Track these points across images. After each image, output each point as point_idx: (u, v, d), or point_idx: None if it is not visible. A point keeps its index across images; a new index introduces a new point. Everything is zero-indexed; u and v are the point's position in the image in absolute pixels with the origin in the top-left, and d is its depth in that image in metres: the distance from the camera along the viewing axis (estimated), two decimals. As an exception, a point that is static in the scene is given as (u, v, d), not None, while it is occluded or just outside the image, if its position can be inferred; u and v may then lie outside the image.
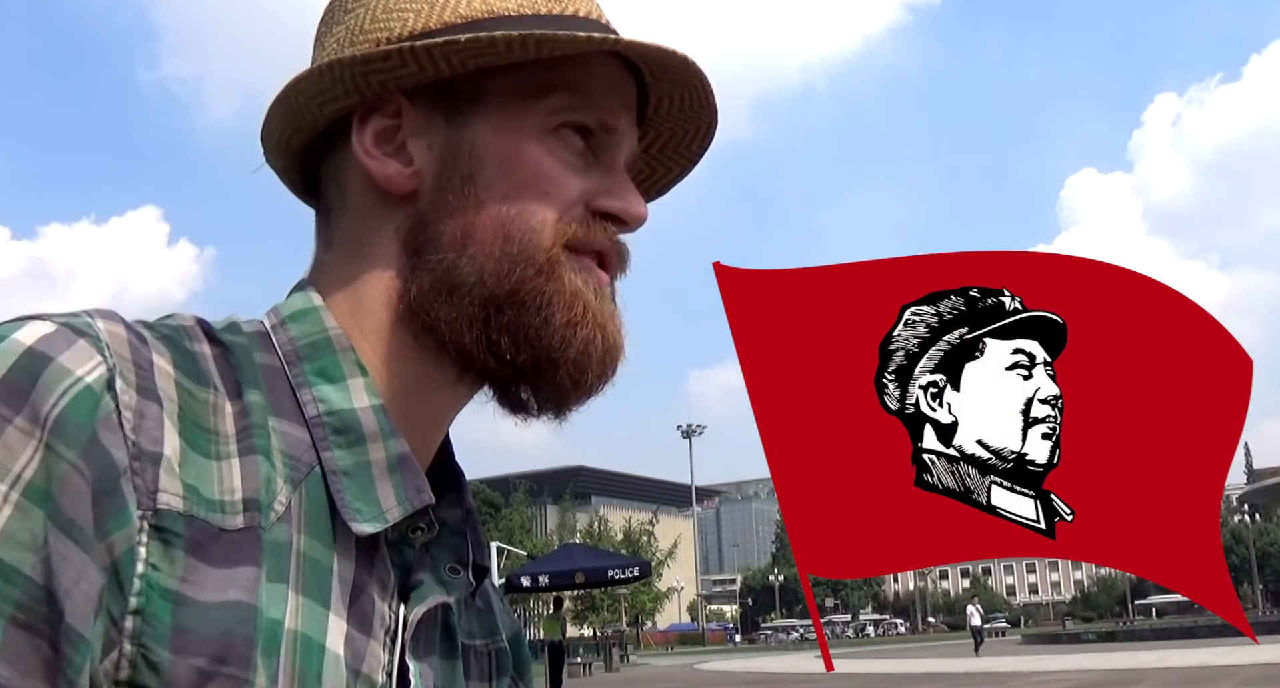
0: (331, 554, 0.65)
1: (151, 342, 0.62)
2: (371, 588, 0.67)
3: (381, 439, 0.68)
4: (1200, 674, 18.45)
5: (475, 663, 0.79)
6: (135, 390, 0.59)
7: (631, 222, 0.75)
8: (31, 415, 0.55)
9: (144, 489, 0.57)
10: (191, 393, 0.62)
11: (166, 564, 0.57)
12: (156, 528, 0.57)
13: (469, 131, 0.72)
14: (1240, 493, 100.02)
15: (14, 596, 0.53)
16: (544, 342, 0.71)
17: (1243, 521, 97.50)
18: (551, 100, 0.73)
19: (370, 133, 0.73)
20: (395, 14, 0.73)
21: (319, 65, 0.71)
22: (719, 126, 0.84)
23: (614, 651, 40.28)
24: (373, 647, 0.66)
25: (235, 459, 0.62)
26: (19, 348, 0.57)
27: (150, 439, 0.58)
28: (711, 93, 0.79)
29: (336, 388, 0.69)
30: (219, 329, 0.69)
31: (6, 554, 0.53)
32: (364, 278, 0.73)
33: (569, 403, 0.74)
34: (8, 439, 0.54)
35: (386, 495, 0.67)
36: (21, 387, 0.56)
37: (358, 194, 0.74)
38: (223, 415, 0.63)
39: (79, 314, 0.61)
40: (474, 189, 0.71)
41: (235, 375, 0.66)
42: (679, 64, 0.74)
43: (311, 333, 0.71)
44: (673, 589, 69.19)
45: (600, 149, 0.75)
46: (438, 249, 0.71)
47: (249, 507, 0.61)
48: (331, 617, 0.63)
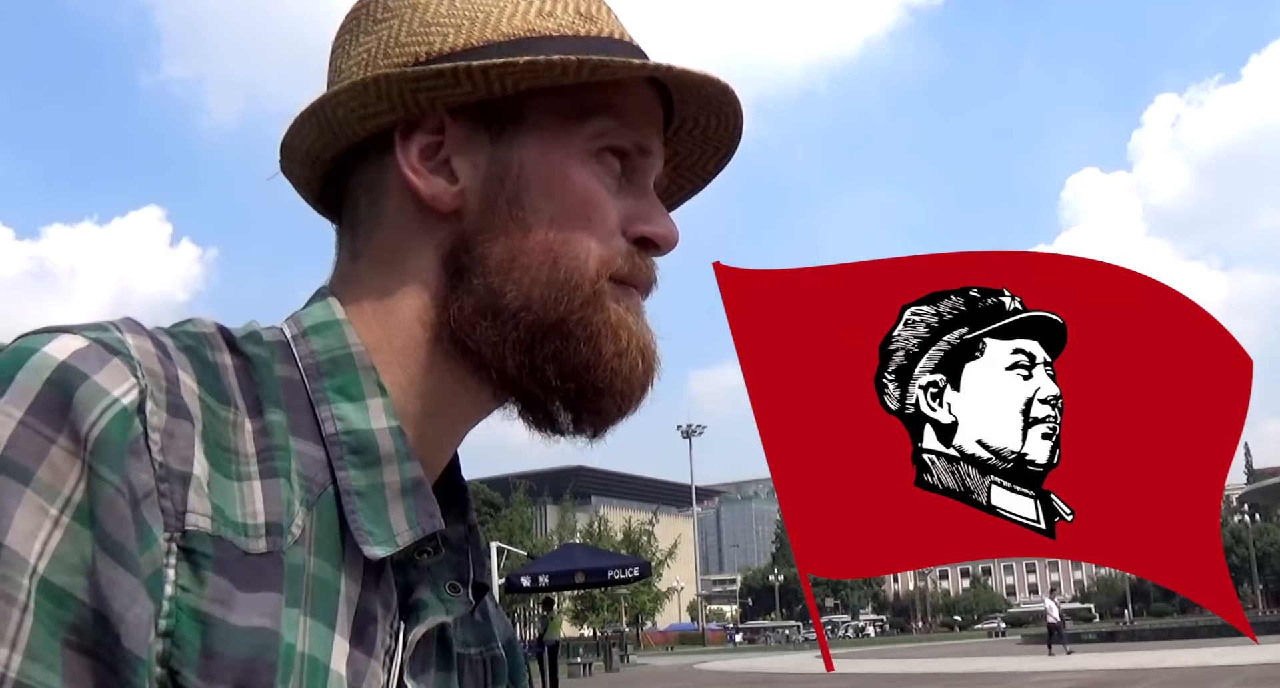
0: (339, 575, 0.64)
1: (175, 355, 0.62)
2: (375, 609, 0.67)
3: (397, 462, 0.68)
4: (1200, 674, 18.45)
5: (470, 672, 0.79)
6: (165, 410, 0.58)
7: (665, 247, 0.76)
8: (73, 435, 0.54)
9: (172, 511, 0.57)
10: (214, 411, 0.62)
11: (196, 586, 0.57)
12: (185, 549, 0.57)
13: (515, 153, 0.72)
14: (1240, 493, 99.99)
15: (67, 619, 0.52)
16: (593, 372, 0.71)
17: (1243, 521, 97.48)
18: (594, 124, 0.73)
19: (415, 149, 0.72)
20: (434, 28, 0.72)
21: (361, 79, 0.70)
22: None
23: (614, 651, 40.27)
24: (373, 667, 0.66)
25: (257, 482, 0.62)
26: (51, 362, 0.56)
27: (180, 459, 0.58)
28: (741, 121, 0.80)
29: (356, 407, 0.68)
30: (240, 338, 0.68)
31: (58, 578, 0.53)
32: (398, 294, 0.72)
33: (609, 425, 0.75)
34: (54, 461, 0.54)
35: (398, 519, 0.67)
36: (59, 404, 0.55)
37: (395, 209, 0.73)
38: (243, 434, 0.63)
39: (107, 328, 0.60)
40: (522, 212, 0.71)
41: (256, 391, 0.65)
42: (718, 92, 0.75)
43: (334, 347, 0.70)
44: (673, 589, 69.17)
45: (633, 172, 0.75)
46: (483, 271, 0.70)
47: (271, 531, 0.61)
48: (336, 638, 0.63)
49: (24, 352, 0.57)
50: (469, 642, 0.79)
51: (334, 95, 0.71)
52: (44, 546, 0.53)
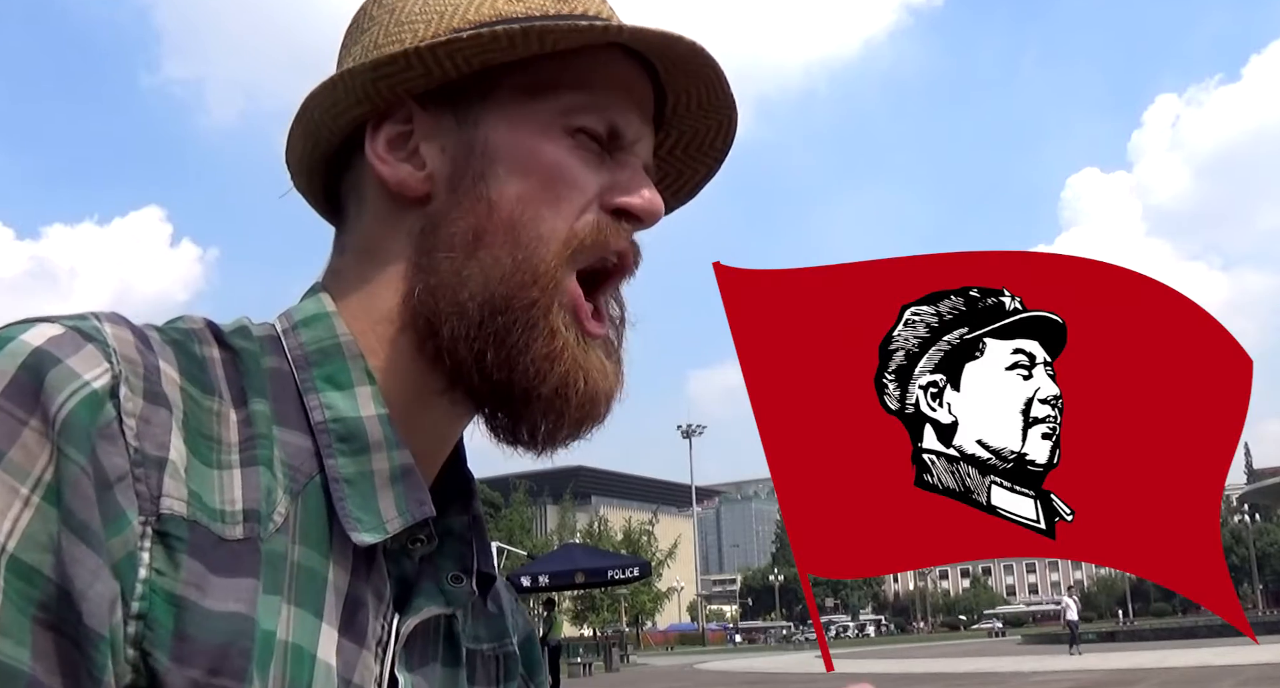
0: (327, 564, 0.64)
1: (158, 347, 0.62)
2: (366, 597, 0.66)
3: (385, 449, 0.68)
4: (1200, 674, 18.45)
5: (482, 668, 0.78)
6: (142, 396, 0.59)
7: (646, 218, 0.74)
8: (43, 416, 0.55)
9: (147, 495, 0.57)
10: (196, 400, 0.62)
11: (170, 569, 0.57)
12: (160, 533, 0.57)
13: (480, 131, 0.72)
14: (1240, 493, 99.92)
15: (35, 596, 0.53)
16: (519, 366, 0.69)
17: (1243, 521, 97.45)
18: (562, 98, 0.72)
19: (383, 139, 0.73)
20: (407, 26, 0.73)
21: (330, 78, 0.72)
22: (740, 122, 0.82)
23: (614, 651, 40.26)
24: (365, 657, 0.65)
25: (237, 470, 0.62)
26: (26, 348, 0.57)
27: (156, 444, 0.58)
28: (725, 80, 0.77)
29: (344, 395, 0.68)
30: (228, 333, 0.68)
31: (27, 556, 0.53)
32: (376, 281, 0.73)
33: (548, 442, 0.73)
34: (26, 442, 0.55)
35: (388, 506, 0.66)
36: (31, 387, 0.56)
37: (373, 201, 0.74)
38: (226, 424, 0.63)
39: (86, 317, 0.61)
40: (486, 189, 0.71)
41: (241, 382, 0.65)
42: (687, 52, 0.73)
43: (322, 338, 0.70)
44: (673, 589, 69.13)
45: (614, 147, 0.74)
46: (447, 248, 0.71)
47: (249, 517, 0.61)
48: (324, 627, 0.63)
49: (2, 340, 0.58)
50: (480, 637, 0.79)
51: (311, 98, 0.73)
52: (14, 524, 0.53)
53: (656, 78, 0.77)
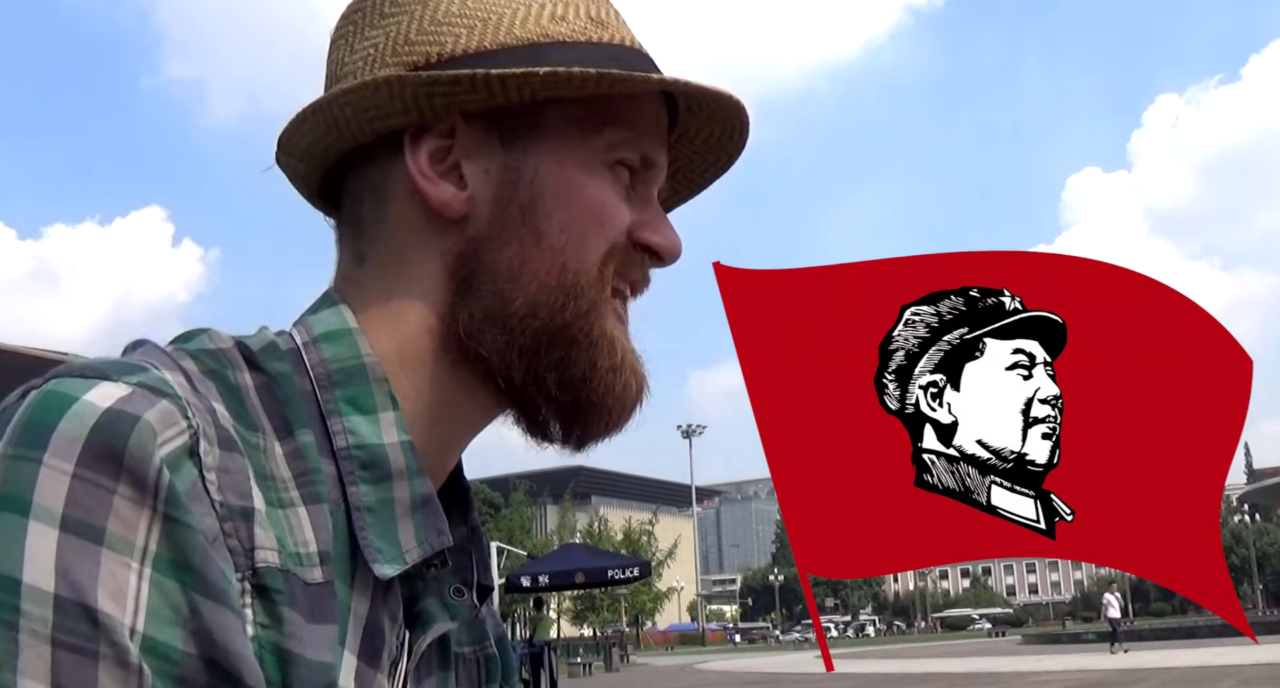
0: (350, 592, 0.64)
1: (201, 385, 0.60)
2: (384, 623, 0.66)
3: (407, 478, 0.67)
4: (1200, 674, 18.45)
5: (464, 671, 0.78)
6: (218, 445, 0.57)
7: (668, 258, 0.76)
8: (135, 483, 0.52)
9: (240, 549, 0.56)
10: (246, 439, 0.61)
11: (274, 622, 0.56)
12: (258, 587, 0.56)
13: (530, 160, 0.71)
14: (1240, 493, 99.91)
15: (174, 673, 0.51)
16: (589, 385, 0.71)
17: (1243, 521, 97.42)
18: (607, 135, 0.72)
19: (425, 153, 0.71)
20: (446, 28, 0.71)
21: (374, 80, 0.69)
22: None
23: (614, 651, 40.27)
24: (379, 680, 0.65)
25: (302, 509, 0.61)
26: (94, 410, 0.53)
27: (239, 494, 0.57)
28: (747, 135, 0.80)
29: (367, 420, 0.67)
30: (259, 352, 0.67)
31: (159, 634, 0.51)
32: (404, 300, 0.71)
33: (596, 440, 0.74)
34: (120, 511, 0.52)
35: (407, 536, 0.66)
36: (112, 452, 0.52)
37: (402, 212, 0.72)
38: (275, 459, 0.62)
39: (145, 367, 0.58)
40: (535, 219, 0.70)
41: (283, 412, 0.64)
42: (731, 108, 0.75)
43: (345, 357, 0.69)
44: (673, 589, 69.20)
45: (638, 182, 0.75)
46: (493, 278, 0.70)
47: (324, 560, 0.60)
48: (346, 654, 0.63)
49: (58, 402, 0.54)
50: (463, 641, 0.79)
51: (343, 93, 0.69)
52: (136, 602, 0.51)
53: (673, 106, 0.78)
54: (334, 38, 0.77)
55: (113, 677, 0.49)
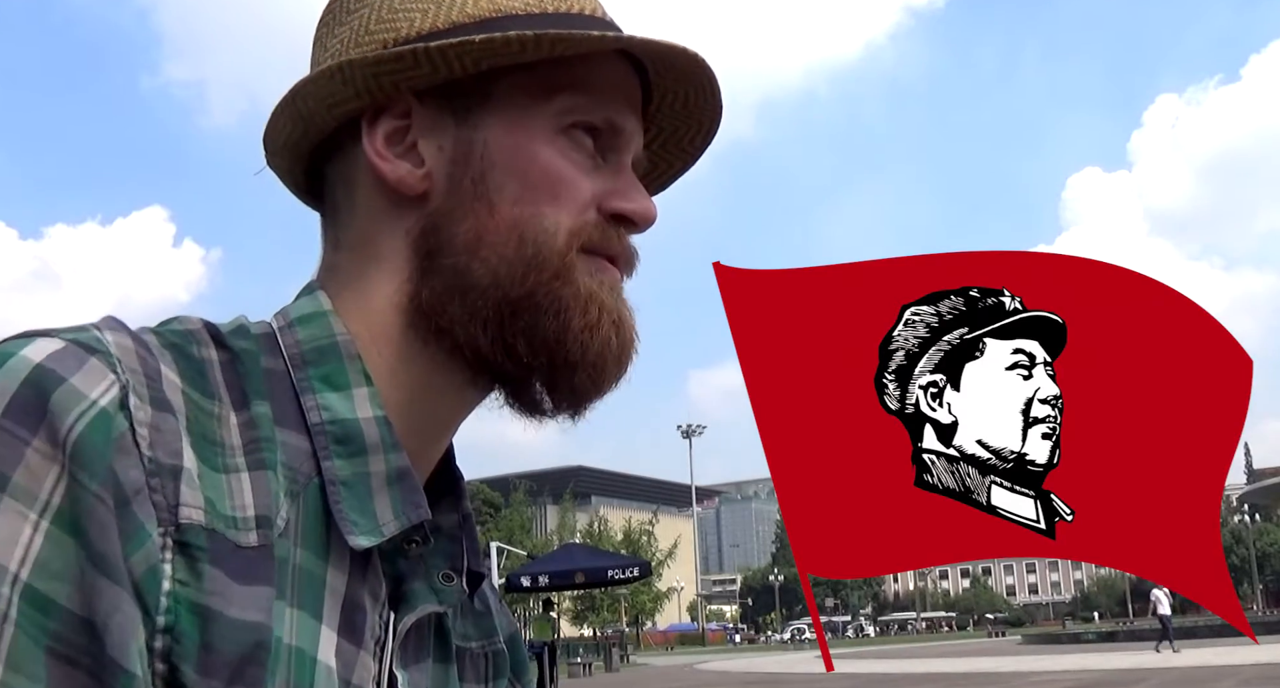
0: (325, 566, 0.64)
1: (157, 351, 0.61)
2: (363, 599, 0.66)
3: (383, 452, 0.67)
4: (1200, 674, 18.44)
5: (471, 666, 0.78)
6: (149, 404, 0.58)
7: (641, 223, 0.75)
8: (50, 438, 0.53)
9: (164, 505, 0.56)
10: (198, 404, 0.61)
11: (193, 579, 0.56)
12: (180, 543, 0.56)
13: (480, 133, 0.72)
14: (1240, 493, 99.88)
15: (50, 626, 0.51)
16: (562, 346, 0.70)
17: (1243, 521, 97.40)
18: (561, 100, 0.72)
19: (380, 134, 0.72)
20: (401, 14, 0.72)
21: (328, 67, 0.70)
22: (722, 124, 0.83)
23: (614, 651, 40.27)
24: (363, 657, 0.65)
25: (245, 474, 0.61)
26: (27, 364, 0.55)
27: (169, 452, 0.57)
28: (718, 90, 0.78)
29: (341, 396, 0.68)
30: (227, 333, 0.68)
31: (42, 584, 0.51)
32: (373, 280, 0.72)
33: (585, 403, 0.74)
34: (29, 464, 0.53)
35: (384, 509, 0.66)
36: (35, 406, 0.54)
37: (367, 196, 0.73)
38: (228, 427, 0.63)
39: (85, 328, 0.59)
40: (486, 191, 0.71)
41: (241, 384, 0.65)
42: (688, 62, 0.74)
43: (319, 337, 0.70)
44: (673, 589, 69.15)
45: (608, 149, 0.75)
46: (450, 252, 0.70)
47: (261, 524, 0.60)
48: (324, 629, 0.63)
49: (2, 356, 0.56)
50: (469, 635, 0.79)
51: (303, 86, 0.71)
52: (25, 552, 0.52)
53: (645, 75, 0.78)
54: (313, 41, 0.79)
55: None
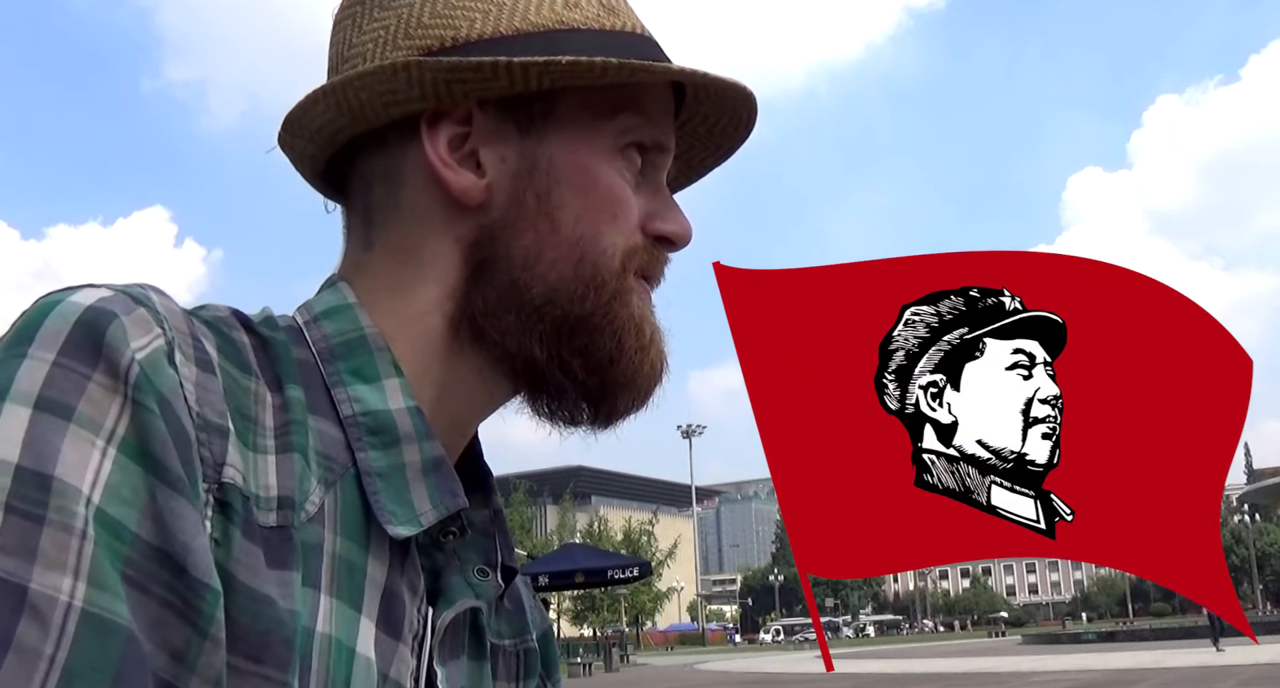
0: (365, 556, 0.64)
1: (195, 324, 0.61)
2: (402, 592, 0.66)
3: (417, 441, 0.67)
4: (1200, 674, 18.45)
5: (503, 663, 0.78)
6: (195, 364, 0.58)
7: (680, 244, 0.77)
8: (110, 371, 0.53)
9: (210, 461, 0.56)
10: (235, 379, 0.61)
11: (225, 541, 0.56)
12: (220, 502, 0.56)
13: (545, 148, 0.71)
14: (1240, 493, 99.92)
15: (123, 552, 0.51)
16: (616, 366, 0.72)
17: (1243, 521, 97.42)
18: (622, 120, 0.73)
19: (444, 140, 0.71)
20: (460, 12, 0.71)
21: (390, 64, 0.69)
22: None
23: (614, 651, 40.29)
24: (401, 651, 0.65)
25: (272, 456, 0.61)
26: (78, 307, 0.55)
27: (215, 412, 0.57)
28: (754, 124, 0.80)
29: (372, 388, 0.67)
30: (257, 322, 0.67)
31: (114, 510, 0.51)
32: (415, 284, 0.71)
33: (623, 418, 0.75)
34: (92, 395, 0.53)
35: (421, 499, 0.66)
36: (90, 344, 0.54)
37: (416, 198, 0.72)
38: (264, 406, 0.62)
39: (133, 285, 0.59)
40: (550, 207, 0.71)
41: (275, 368, 0.65)
42: (741, 98, 0.76)
43: (347, 330, 0.69)
44: (673, 589, 69.19)
45: (649, 168, 0.75)
46: (507, 265, 0.70)
47: (283, 505, 0.60)
48: (363, 620, 0.63)
49: (49, 304, 0.56)
50: (502, 633, 0.79)
51: (358, 77, 0.69)
52: (95, 476, 0.51)
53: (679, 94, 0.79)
54: (339, 19, 0.76)
55: (54, 541, 0.49)
